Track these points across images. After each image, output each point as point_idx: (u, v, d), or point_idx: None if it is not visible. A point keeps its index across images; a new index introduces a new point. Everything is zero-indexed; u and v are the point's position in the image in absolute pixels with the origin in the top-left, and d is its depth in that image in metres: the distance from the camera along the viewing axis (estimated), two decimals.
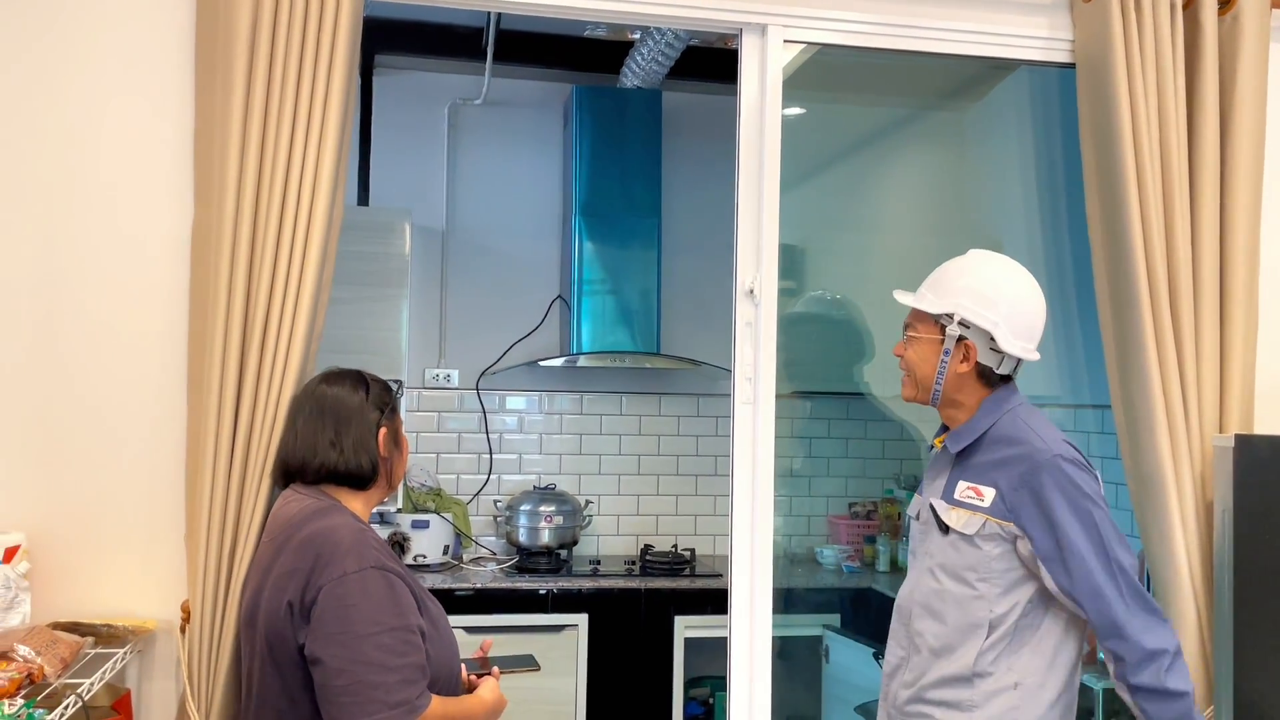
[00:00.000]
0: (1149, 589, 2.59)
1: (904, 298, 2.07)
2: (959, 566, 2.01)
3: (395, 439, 1.97)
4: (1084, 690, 2.82)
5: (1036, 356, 2.03)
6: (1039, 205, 3.41)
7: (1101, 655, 2.82)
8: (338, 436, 1.89)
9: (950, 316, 1.99)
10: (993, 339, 1.97)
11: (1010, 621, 1.96)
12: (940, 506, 2.06)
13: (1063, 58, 2.58)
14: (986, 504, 1.98)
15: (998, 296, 1.99)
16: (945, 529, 2.02)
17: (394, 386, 2.06)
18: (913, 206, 3.98)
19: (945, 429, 2.11)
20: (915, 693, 2.03)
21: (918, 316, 2.05)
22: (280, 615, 1.74)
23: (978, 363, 2.00)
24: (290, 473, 1.94)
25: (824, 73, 2.88)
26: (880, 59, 2.66)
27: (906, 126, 3.99)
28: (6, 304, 2.15)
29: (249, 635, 1.85)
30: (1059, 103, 3.22)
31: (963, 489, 2.02)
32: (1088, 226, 2.52)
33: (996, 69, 3.31)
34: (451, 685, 1.87)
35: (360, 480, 1.90)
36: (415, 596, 1.80)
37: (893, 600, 2.18)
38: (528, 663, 2.11)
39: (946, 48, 2.55)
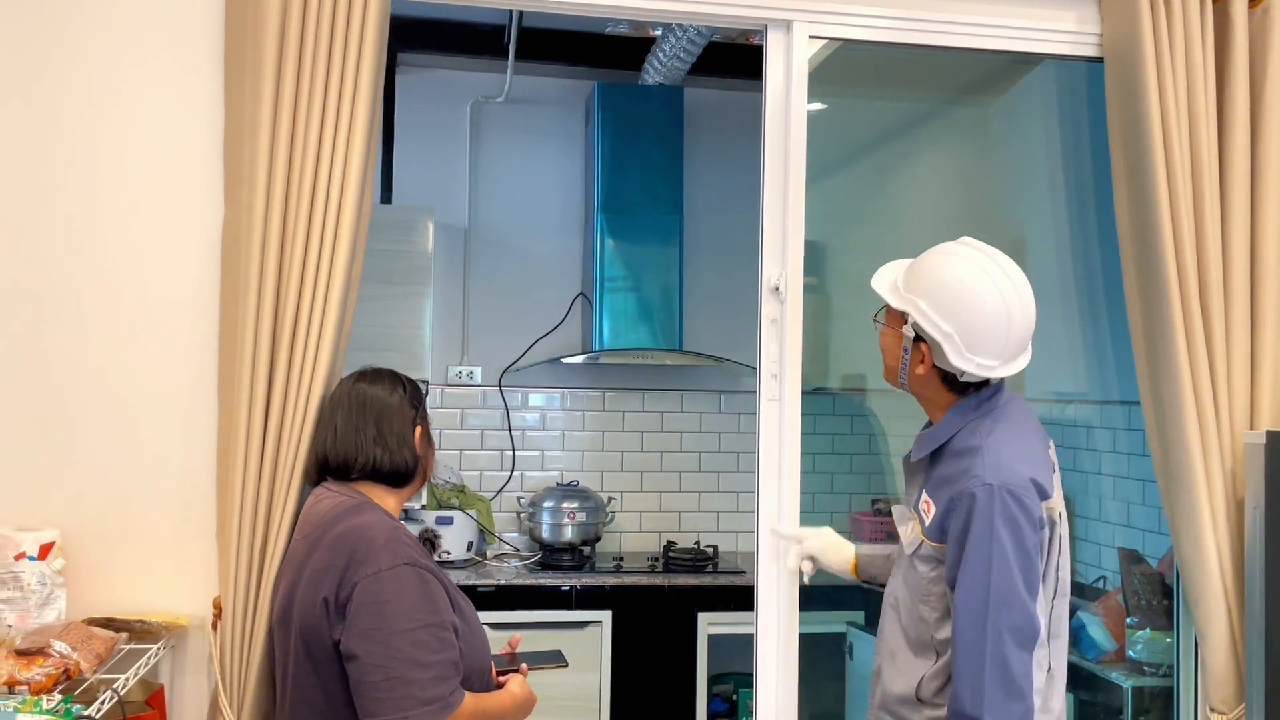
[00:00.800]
0: (1178, 587, 2.58)
1: (877, 281, 1.92)
2: (911, 583, 1.90)
3: (427, 437, 2.00)
4: (1113, 688, 2.82)
5: (999, 374, 1.82)
6: (1065, 200, 3.39)
7: (1131, 653, 2.81)
8: (380, 434, 1.91)
9: (907, 316, 1.83)
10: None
11: (950, 652, 1.80)
12: (899, 514, 1.96)
13: (1090, 52, 2.57)
14: (928, 523, 1.85)
15: (958, 304, 1.78)
16: None
17: (422, 386, 2.09)
18: (936, 202, 3.96)
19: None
20: (881, 699, 1.96)
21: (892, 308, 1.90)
22: (315, 611, 1.75)
23: (936, 367, 1.84)
24: (330, 470, 1.95)
25: (846, 68, 2.87)
26: (904, 54, 2.65)
27: (929, 121, 3.97)
28: (39, 303, 2.17)
29: (283, 632, 1.86)
30: (1085, 97, 3.20)
31: (923, 499, 1.88)
32: (1116, 221, 2.50)
33: (1022, 63, 3.29)
34: (484, 681, 1.88)
35: (402, 477, 1.93)
36: (448, 593, 1.82)
37: None
38: (556, 659, 2.12)
39: (972, 42, 2.54)
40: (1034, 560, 1.75)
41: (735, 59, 3.96)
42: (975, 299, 1.78)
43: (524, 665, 2.01)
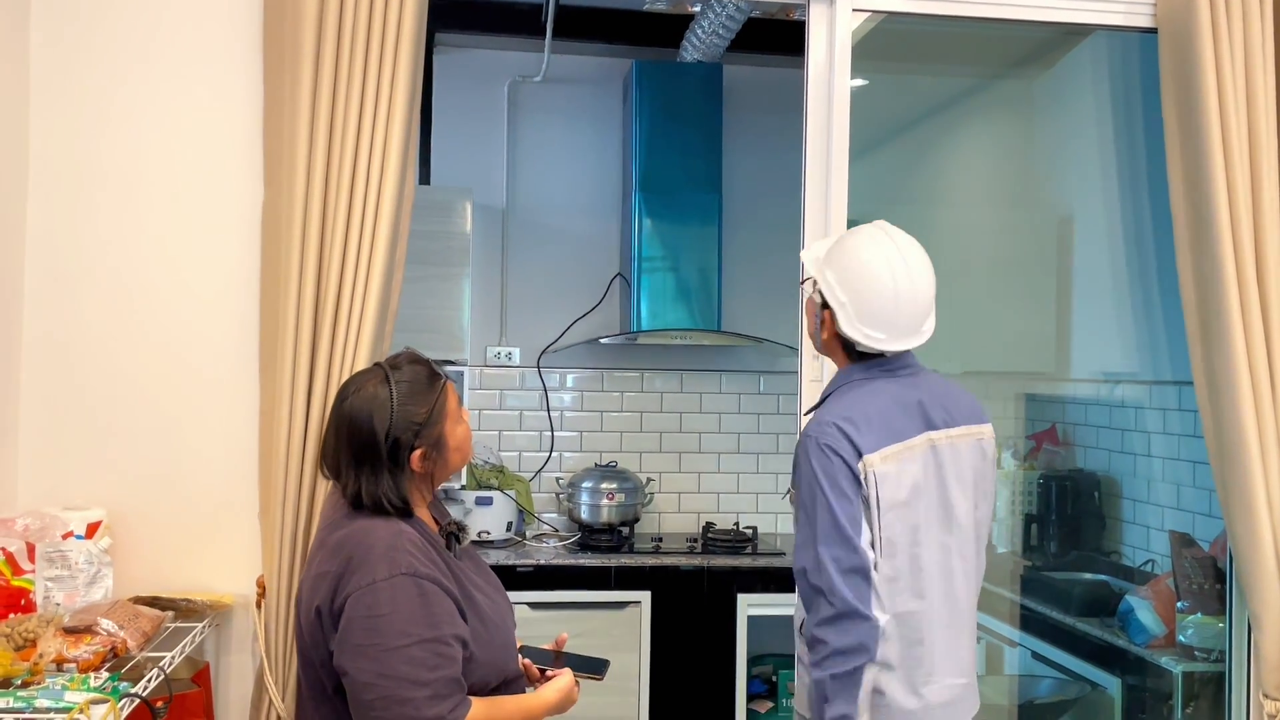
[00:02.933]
0: (1231, 571, 2.52)
1: (805, 251, 2.11)
2: None
3: (439, 446, 1.76)
4: (1162, 673, 2.77)
5: (887, 348, 1.94)
6: (1115, 176, 3.31)
7: (1181, 638, 2.76)
8: (357, 471, 1.71)
9: (814, 283, 2.01)
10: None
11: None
12: None
13: (1144, 22, 2.49)
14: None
15: (857, 278, 1.94)
16: None
17: (441, 376, 1.80)
18: (980, 178, 3.89)
19: None
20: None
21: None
22: (311, 619, 1.67)
23: (837, 335, 1.98)
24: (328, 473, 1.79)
25: (889, 42, 2.82)
26: (949, 26, 2.59)
27: (974, 96, 3.90)
28: (87, 286, 2.19)
29: (294, 626, 1.78)
30: (1137, 69, 3.12)
31: None
32: (1169, 197, 2.43)
33: (1071, 34, 3.21)
34: (509, 686, 1.79)
35: (387, 513, 1.71)
36: (457, 600, 1.69)
37: None
38: (595, 668, 1.94)
39: (1022, 14, 2.48)
40: (851, 519, 1.83)
41: (775, 35, 3.90)
42: (871, 276, 1.94)
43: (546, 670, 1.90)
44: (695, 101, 4.00)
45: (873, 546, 1.85)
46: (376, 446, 1.70)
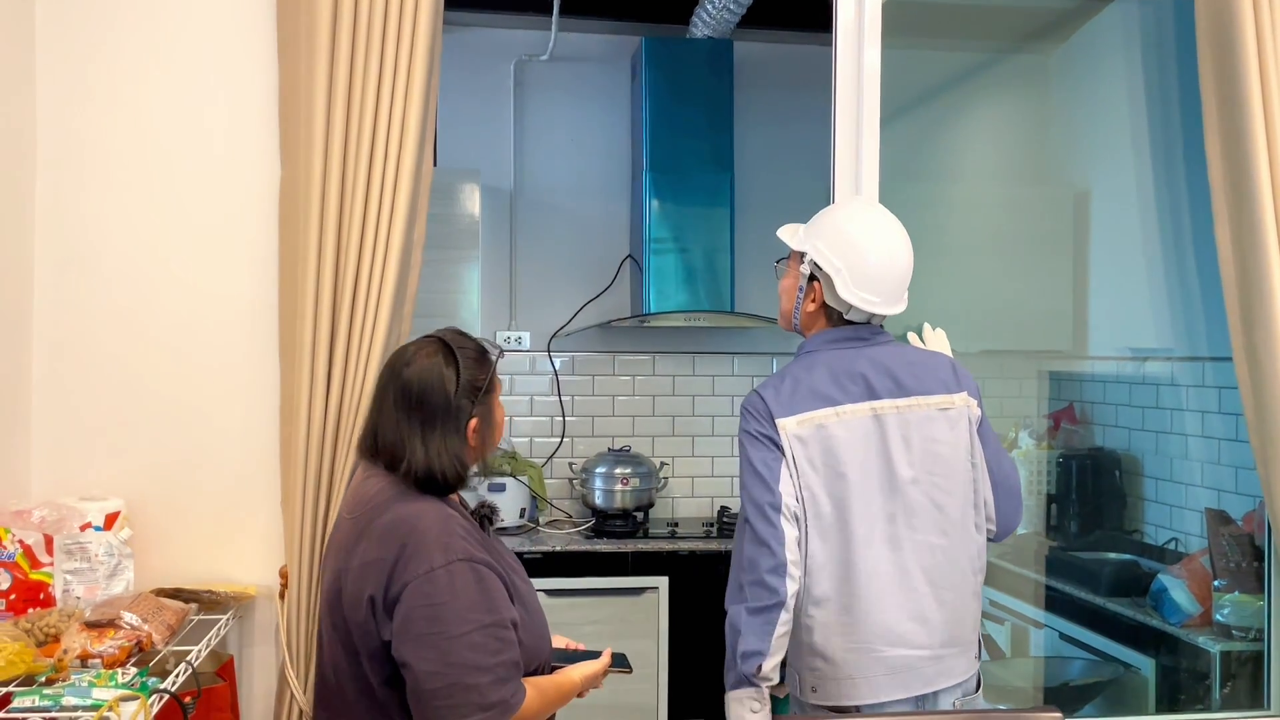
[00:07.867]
0: (1269, 548, 2.48)
1: (782, 230, 2.12)
2: None
3: (488, 420, 1.77)
4: (1199, 653, 2.73)
5: (880, 311, 1.99)
6: (1131, 149, 3.26)
7: (1218, 616, 2.72)
8: (425, 436, 1.69)
9: (804, 255, 2.02)
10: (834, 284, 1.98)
11: None
12: None
13: None
14: None
15: (849, 245, 1.98)
16: None
17: (493, 354, 1.81)
18: (996, 153, 3.84)
19: None
20: None
21: (793, 250, 2.08)
22: (362, 609, 1.62)
23: (824, 304, 2.01)
24: (379, 454, 1.74)
25: (904, 15, 2.76)
26: None
27: (990, 69, 3.84)
28: (99, 272, 2.12)
29: (331, 617, 1.71)
30: (1154, 40, 3.06)
31: None
32: (1206, 167, 2.38)
33: (1089, 2, 3.15)
34: (544, 670, 1.78)
35: (441, 487, 1.70)
36: (506, 584, 1.68)
37: None
38: (620, 663, 1.96)
39: None
40: (766, 464, 1.89)
41: (787, 10, 3.83)
42: (864, 238, 1.99)
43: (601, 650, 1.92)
44: (705, 79, 3.93)
45: (798, 500, 1.89)
46: (449, 408, 1.69)
